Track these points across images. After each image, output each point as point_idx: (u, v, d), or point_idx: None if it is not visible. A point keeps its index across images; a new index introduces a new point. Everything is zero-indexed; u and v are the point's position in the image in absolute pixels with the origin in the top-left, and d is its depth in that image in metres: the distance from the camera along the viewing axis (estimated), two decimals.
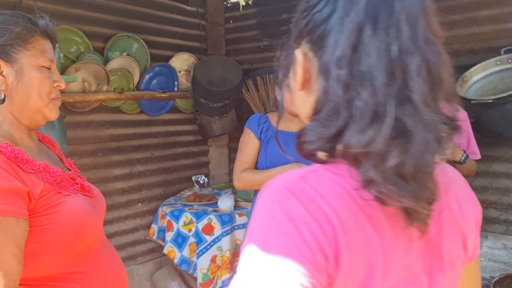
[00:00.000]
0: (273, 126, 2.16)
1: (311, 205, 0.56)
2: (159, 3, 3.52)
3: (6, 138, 1.05)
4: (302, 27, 0.66)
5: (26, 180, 0.97)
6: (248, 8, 3.84)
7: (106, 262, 1.15)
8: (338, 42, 0.59)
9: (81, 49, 2.91)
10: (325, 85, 0.60)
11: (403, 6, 0.57)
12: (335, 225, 0.56)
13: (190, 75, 3.66)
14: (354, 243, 0.57)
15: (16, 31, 1.05)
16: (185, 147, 3.87)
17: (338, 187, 0.59)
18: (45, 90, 1.09)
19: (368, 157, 0.56)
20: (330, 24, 0.60)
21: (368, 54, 0.56)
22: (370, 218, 0.59)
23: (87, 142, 3.03)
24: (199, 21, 3.90)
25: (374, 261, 0.58)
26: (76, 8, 2.92)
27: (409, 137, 0.55)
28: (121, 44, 3.17)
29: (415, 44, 0.57)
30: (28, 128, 1.12)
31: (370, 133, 0.55)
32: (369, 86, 0.56)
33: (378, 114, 0.55)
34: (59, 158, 1.27)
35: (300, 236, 0.54)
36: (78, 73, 2.76)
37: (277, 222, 0.56)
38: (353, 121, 0.57)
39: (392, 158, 0.55)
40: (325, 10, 0.62)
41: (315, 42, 0.63)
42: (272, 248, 0.55)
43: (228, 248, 2.98)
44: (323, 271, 0.55)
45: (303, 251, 0.54)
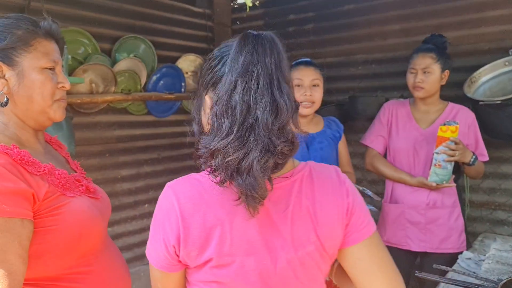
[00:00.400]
0: None
1: (166, 204, 0.94)
2: (166, 4, 3.53)
3: (12, 139, 1.06)
4: (208, 80, 0.95)
5: (31, 182, 0.98)
6: (255, 9, 3.85)
7: (109, 263, 1.16)
8: (221, 90, 0.89)
9: (88, 50, 2.92)
10: (210, 116, 0.92)
11: (263, 68, 0.87)
12: (178, 216, 0.90)
13: (197, 76, 3.66)
14: (191, 224, 0.89)
15: (18, 34, 1.06)
16: (192, 148, 3.86)
17: (195, 187, 0.93)
18: (47, 91, 1.10)
19: (218, 154, 0.87)
20: (222, 78, 0.91)
21: (236, 96, 0.87)
22: (211, 202, 0.90)
23: (94, 143, 3.05)
24: (206, 22, 3.90)
25: (210, 233, 0.89)
26: (83, 10, 2.94)
27: (248, 147, 0.85)
28: (129, 46, 3.18)
29: (268, 89, 0.87)
30: (34, 129, 1.13)
31: (223, 142, 0.86)
32: (231, 115, 0.87)
33: (231, 132, 0.86)
34: (66, 159, 1.28)
35: (161, 225, 0.94)
36: (86, 75, 2.78)
37: (155, 213, 0.99)
38: (217, 135, 0.88)
39: (231, 157, 0.85)
40: (222, 69, 0.92)
41: (215, 90, 0.93)
42: (151, 232, 0.97)
43: None
44: (172, 251, 0.91)
45: (162, 237, 0.92)
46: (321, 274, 0.98)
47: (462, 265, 1.87)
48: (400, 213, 2.27)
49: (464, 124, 2.21)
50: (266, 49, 0.88)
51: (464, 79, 2.69)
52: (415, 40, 2.44)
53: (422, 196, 2.21)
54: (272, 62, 0.88)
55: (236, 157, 0.84)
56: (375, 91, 3.22)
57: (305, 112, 2.11)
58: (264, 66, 0.87)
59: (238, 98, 0.86)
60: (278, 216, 0.92)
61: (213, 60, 0.96)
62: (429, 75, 2.18)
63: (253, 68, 0.87)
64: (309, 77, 2.09)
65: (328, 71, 3.40)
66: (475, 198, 2.92)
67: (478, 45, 2.84)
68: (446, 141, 2.04)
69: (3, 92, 1.05)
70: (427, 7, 2.99)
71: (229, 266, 0.90)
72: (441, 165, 2.07)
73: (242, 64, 0.87)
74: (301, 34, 3.63)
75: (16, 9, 2.58)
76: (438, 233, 2.20)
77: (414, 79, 2.20)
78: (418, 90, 2.20)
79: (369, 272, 0.96)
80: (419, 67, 2.19)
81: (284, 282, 0.93)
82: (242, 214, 0.89)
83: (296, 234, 0.93)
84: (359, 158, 3.25)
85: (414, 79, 2.21)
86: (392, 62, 3.17)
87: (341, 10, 3.40)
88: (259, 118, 0.86)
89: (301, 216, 0.93)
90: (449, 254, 2.15)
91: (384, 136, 2.37)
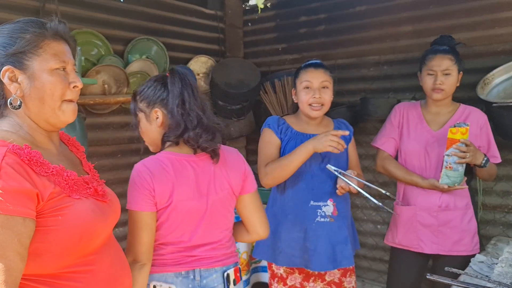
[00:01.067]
0: (291, 128, 2.16)
1: (143, 170, 1.48)
2: (178, 6, 3.56)
3: (26, 140, 1.08)
4: (155, 99, 1.54)
5: (36, 182, 1.00)
6: (266, 10, 3.85)
7: (109, 264, 1.18)
8: (170, 104, 1.50)
9: (101, 52, 2.96)
10: (172, 117, 1.50)
11: (186, 86, 1.51)
12: (151, 177, 1.45)
13: (208, 77, 3.68)
14: (160, 181, 1.45)
15: (26, 38, 1.08)
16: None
17: (155, 161, 1.51)
18: (57, 92, 1.12)
19: (191, 138, 1.49)
20: (167, 98, 1.52)
21: (185, 106, 1.50)
22: (175, 165, 1.50)
23: (106, 143, 3.08)
24: (218, 24, 3.92)
25: (173, 186, 1.46)
26: (97, 12, 2.98)
27: (203, 132, 1.50)
28: (141, 47, 3.21)
29: (196, 101, 1.52)
30: (46, 130, 1.15)
31: (195, 132, 1.49)
32: (187, 117, 1.49)
33: (192, 125, 1.49)
34: (80, 161, 1.30)
35: (140, 186, 1.46)
36: (99, 76, 2.81)
37: (133, 179, 1.49)
38: (188, 128, 1.49)
39: (202, 138, 1.49)
40: (164, 93, 1.54)
41: (163, 105, 1.53)
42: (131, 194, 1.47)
43: (245, 250, 2.98)
44: (152, 200, 1.46)
45: (142, 196, 1.45)
46: (231, 208, 1.61)
47: (474, 268, 1.85)
48: (412, 215, 2.26)
49: (476, 125, 2.19)
50: (187, 79, 1.54)
51: (477, 80, 2.67)
52: (428, 41, 2.43)
53: (434, 198, 2.20)
54: (191, 87, 1.53)
55: (203, 138, 1.50)
56: (386, 93, 3.21)
57: (315, 114, 2.10)
58: (189, 90, 1.52)
59: (188, 107, 1.50)
60: (206, 173, 1.53)
61: (154, 87, 1.55)
62: (449, 77, 2.16)
63: (184, 90, 1.51)
64: (318, 80, 2.09)
65: (339, 72, 3.42)
66: (488, 201, 2.89)
67: (491, 46, 2.82)
68: (456, 143, 2.02)
69: (17, 96, 1.08)
70: (440, 8, 2.98)
71: (182, 206, 1.48)
72: (452, 167, 2.05)
73: (179, 89, 1.51)
74: (312, 35, 3.63)
75: (31, 11, 2.62)
76: (451, 235, 2.18)
77: (434, 81, 2.17)
78: (438, 92, 2.18)
79: (252, 211, 1.65)
80: (439, 69, 2.16)
81: (212, 214, 1.53)
82: (186, 176, 1.49)
83: (218, 184, 1.54)
84: (370, 160, 3.24)
85: (433, 81, 2.17)
86: (404, 64, 3.15)
87: (353, 11, 3.40)
88: (201, 117, 1.51)
89: (220, 172, 1.56)
90: (462, 257, 2.13)
91: (395, 138, 2.36)
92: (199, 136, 1.49)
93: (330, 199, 2.07)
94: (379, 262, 3.44)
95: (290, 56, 3.80)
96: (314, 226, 2.04)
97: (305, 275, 2.15)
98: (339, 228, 2.07)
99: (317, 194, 2.07)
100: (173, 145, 1.54)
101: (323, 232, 2.04)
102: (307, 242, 2.04)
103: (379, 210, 3.41)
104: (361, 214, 3.50)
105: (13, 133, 1.07)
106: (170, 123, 1.51)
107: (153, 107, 1.53)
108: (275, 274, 2.20)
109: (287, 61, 3.82)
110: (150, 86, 1.56)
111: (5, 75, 1.07)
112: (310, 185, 2.07)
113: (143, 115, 1.57)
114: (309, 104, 2.09)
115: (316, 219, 2.05)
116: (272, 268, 2.22)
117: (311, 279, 2.15)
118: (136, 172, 1.48)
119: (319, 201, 2.06)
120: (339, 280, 2.17)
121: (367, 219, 3.48)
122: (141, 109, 1.57)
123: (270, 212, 2.20)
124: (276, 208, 2.17)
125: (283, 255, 2.08)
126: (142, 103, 1.56)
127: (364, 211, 3.49)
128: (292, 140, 2.13)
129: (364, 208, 3.49)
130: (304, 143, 2.00)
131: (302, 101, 2.12)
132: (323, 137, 1.94)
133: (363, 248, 3.36)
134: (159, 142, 1.57)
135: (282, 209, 2.13)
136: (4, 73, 1.07)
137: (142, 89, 1.57)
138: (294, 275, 2.16)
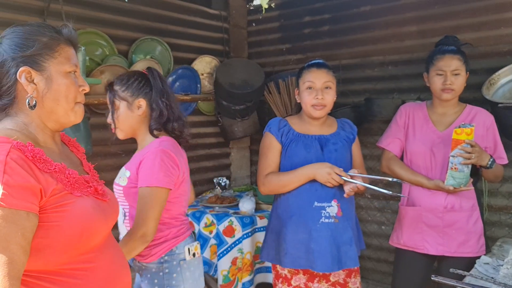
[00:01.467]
0: (293, 129, 2.16)
1: (170, 151, 1.73)
2: (182, 6, 3.56)
3: (29, 138, 1.11)
4: (137, 91, 1.78)
5: (40, 178, 1.03)
6: (270, 11, 3.85)
7: (109, 262, 1.21)
8: (156, 94, 1.79)
9: (106, 52, 2.96)
10: (156, 106, 1.77)
11: (164, 82, 1.83)
12: (177, 157, 1.74)
13: (212, 77, 3.69)
14: (179, 160, 1.74)
15: (44, 41, 1.13)
16: (207, 149, 3.90)
17: (172, 141, 1.79)
18: (72, 94, 1.17)
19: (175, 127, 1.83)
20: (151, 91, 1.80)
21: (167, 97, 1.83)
22: (176, 147, 1.80)
23: (110, 143, 3.07)
24: (222, 24, 3.92)
25: (183, 165, 1.78)
26: (101, 12, 2.98)
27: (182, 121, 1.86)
28: (145, 47, 3.22)
29: (172, 95, 1.85)
30: (52, 130, 1.20)
31: (179, 122, 1.84)
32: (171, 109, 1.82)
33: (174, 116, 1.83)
34: (80, 161, 1.33)
35: (169, 166, 1.70)
36: (103, 76, 2.81)
37: (161, 161, 1.69)
38: (170, 119, 1.81)
39: (185, 128, 1.87)
40: (146, 86, 1.79)
41: (147, 97, 1.79)
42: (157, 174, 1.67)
43: (249, 251, 2.98)
44: (177, 178, 1.75)
45: (170, 174, 1.70)
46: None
47: (479, 270, 1.84)
48: (417, 216, 2.24)
49: (482, 126, 2.18)
50: (163, 77, 1.86)
51: (483, 81, 2.65)
52: (432, 41, 2.41)
53: (439, 199, 2.18)
54: (167, 84, 1.84)
55: (187, 128, 1.86)
56: (391, 93, 3.19)
57: (317, 114, 2.10)
58: (167, 86, 1.83)
59: (170, 100, 1.80)
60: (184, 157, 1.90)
61: (139, 81, 1.79)
62: (458, 77, 2.15)
63: (163, 87, 1.80)
64: (321, 80, 2.09)
65: (344, 73, 3.41)
66: (494, 202, 2.87)
67: (497, 46, 2.80)
68: (461, 143, 2.00)
69: (33, 96, 1.12)
70: (445, 8, 2.96)
71: (185, 182, 1.81)
72: (458, 168, 2.04)
73: (160, 84, 1.79)
74: (316, 36, 3.63)
75: (36, 11, 2.62)
76: (456, 236, 2.17)
77: (444, 81, 2.16)
78: (448, 92, 2.16)
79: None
80: (449, 69, 2.14)
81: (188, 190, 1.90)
82: (183, 157, 1.84)
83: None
84: (375, 160, 3.23)
85: (443, 81, 2.16)
86: (409, 64, 3.14)
87: (357, 11, 3.39)
88: (180, 110, 1.85)
89: None
90: (468, 258, 2.11)
91: (401, 139, 2.35)
92: (183, 126, 1.84)
93: (334, 200, 2.06)
94: (383, 263, 3.43)
95: (294, 56, 3.80)
96: (318, 227, 2.04)
97: (309, 275, 2.14)
98: (344, 229, 2.07)
99: (321, 195, 2.06)
100: (162, 132, 1.81)
101: (328, 233, 2.03)
102: (312, 243, 2.04)
103: (384, 211, 3.40)
104: (366, 215, 3.49)
105: (17, 131, 1.10)
106: (153, 113, 1.77)
107: (136, 97, 1.77)
108: (280, 274, 2.20)
109: (291, 61, 3.81)
110: (134, 80, 1.79)
111: (22, 75, 1.10)
112: (314, 186, 2.06)
113: (125, 103, 1.77)
114: (311, 105, 2.09)
115: (320, 220, 2.04)
116: (276, 268, 2.21)
117: (316, 280, 2.14)
118: (163, 152, 1.69)
119: (323, 202, 2.06)
120: (343, 281, 2.17)
121: (372, 220, 3.47)
122: (123, 97, 1.77)
123: (275, 214, 2.19)
124: (280, 210, 2.16)
125: (288, 257, 2.07)
126: (125, 93, 1.77)
127: (369, 212, 3.48)
128: (294, 143, 2.12)
129: (369, 209, 3.48)
130: (307, 168, 2.05)
131: (305, 101, 2.11)
132: (328, 174, 2.00)
133: (368, 249, 3.35)
134: (133, 130, 1.82)
135: (286, 211, 2.12)
136: (21, 74, 1.10)
137: (125, 81, 1.79)
138: (298, 276, 2.15)
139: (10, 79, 1.11)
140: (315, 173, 2.02)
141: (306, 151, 2.10)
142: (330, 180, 1.99)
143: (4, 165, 0.96)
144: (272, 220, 2.22)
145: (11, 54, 1.10)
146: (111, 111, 1.81)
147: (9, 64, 1.10)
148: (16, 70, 1.10)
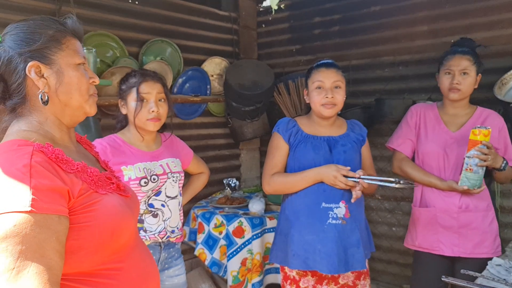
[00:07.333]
0: (301, 130, 2.15)
1: None
2: (192, 8, 3.58)
3: (47, 138, 1.08)
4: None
5: (66, 179, 1.00)
6: (280, 12, 3.85)
7: (139, 260, 1.18)
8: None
9: (116, 53, 2.98)
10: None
11: None
12: None
13: (222, 79, 3.69)
14: None
15: (50, 34, 1.09)
16: (217, 150, 3.90)
17: None
18: (84, 86, 1.13)
19: None
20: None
21: None
22: None
23: None
24: (232, 26, 3.93)
25: None
26: (112, 14, 3.01)
27: None
28: (155, 49, 3.23)
29: None
30: (67, 126, 1.16)
31: None
32: None
33: None
34: (96, 158, 1.31)
35: None
36: (114, 77, 2.83)
37: None
38: None
39: None
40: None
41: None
42: None
43: (258, 251, 2.97)
44: None
45: None
46: None
47: (491, 271, 1.82)
48: (431, 217, 2.22)
49: (495, 128, 2.15)
50: None
51: (495, 80, 2.62)
52: (444, 41, 2.40)
53: (454, 200, 2.16)
54: None
55: None
56: (402, 94, 3.17)
57: (327, 113, 2.09)
58: None
59: None
60: None
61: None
62: (466, 77, 2.13)
63: None
64: (330, 79, 2.08)
65: (354, 73, 3.40)
66: (507, 204, 2.83)
67: (509, 45, 2.77)
68: (478, 144, 1.98)
69: (45, 92, 1.08)
70: (456, 7, 2.93)
71: None
72: (473, 169, 2.01)
73: None
74: (326, 36, 3.62)
75: (47, 13, 2.65)
76: (472, 237, 2.14)
77: (451, 80, 2.15)
78: (454, 92, 2.15)
79: None
80: (457, 69, 2.13)
81: None
82: None
83: None
84: (385, 162, 3.21)
85: (450, 80, 2.15)
86: (420, 64, 3.12)
87: (368, 11, 3.37)
88: None
89: None
90: (484, 259, 2.08)
91: (412, 139, 2.32)
92: None
93: (342, 201, 2.04)
94: (394, 265, 3.40)
95: (304, 57, 3.79)
96: (325, 228, 2.02)
97: (318, 277, 2.12)
98: (351, 230, 2.05)
99: (329, 196, 2.04)
100: None
101: (335, 235, 2.01)
102: (319, 245, 2.02)
103: (394, 212, 3.37)
104: (376, 216, 3.46)
105: (33, 132, 1.07)
106: None
107: None
108: (288, 276, 2.18)
109: (301, 62, 3.81)
110: None
111: (31, 70, 1.06)
112: (321, 186, 2.04)
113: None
114: (321, 105, 2.08)
115: (327, 221, 2.02)
116: (284, 270, 2.20)
117: (324, 282, 2.13)
118: None
119: (330, 203, 2.04)
120: (353, 283, 2.15)
121: (382, 221, 3.45)
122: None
123: (283, 215, 2.18)
124: (288, 211, 2.15)
125: (296, 258, 2.06)
126: None
127: (379, 213, 3.45)
128: (302, 144, 2.11)
129: (379, 210, 3.45)
130: (315, 170, 2.03)
131: (314, 101, 2.10)
132: (335, 178, 1.98)
133: (378, 250, 3.33)
134: None
135: (294, 211, 2.11)
136: (30, 69, 1.05)
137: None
138: (307, 278, 2.14)
139: (20, 75, 1.06)
140: (322, 176, 2.01)
141: (315, 153, 2.08)
142: (337, 183, 1.98)
143: (30, 168, 0.93)
144: (280, 222, 2.22)
145: (18, 49, 1.05)
146: (168, 104, 2.11)
147: (16, 60, 1.05)
148: (25, 65, 1.05)
